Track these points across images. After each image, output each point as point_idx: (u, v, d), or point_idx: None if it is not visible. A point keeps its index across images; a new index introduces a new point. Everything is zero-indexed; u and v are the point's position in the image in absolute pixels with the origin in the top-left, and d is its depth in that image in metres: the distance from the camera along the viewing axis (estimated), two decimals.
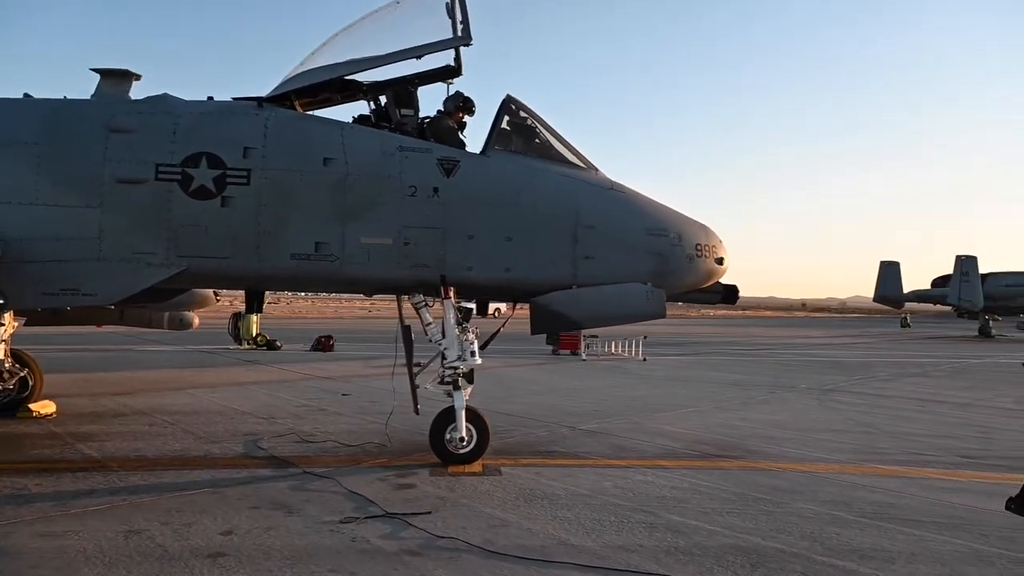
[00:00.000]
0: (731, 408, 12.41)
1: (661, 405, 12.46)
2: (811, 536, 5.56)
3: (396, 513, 5.82)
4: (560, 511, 6.04)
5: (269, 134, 7.03)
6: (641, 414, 11.38)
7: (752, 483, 7.16)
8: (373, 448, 8.29)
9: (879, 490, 7.03)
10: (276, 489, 6.48)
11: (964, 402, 14.09)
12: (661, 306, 7.86)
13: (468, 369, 7.63)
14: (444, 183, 7.21)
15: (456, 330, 7.57)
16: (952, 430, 10.81)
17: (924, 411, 12.68)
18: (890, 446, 9.36)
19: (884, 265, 49.89)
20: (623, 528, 5.64)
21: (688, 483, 7.09)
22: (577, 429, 9.90)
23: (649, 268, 7.75)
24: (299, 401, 11.75)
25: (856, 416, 11.85)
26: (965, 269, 43.97)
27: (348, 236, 7.05)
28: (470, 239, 7.26)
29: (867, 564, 5.00)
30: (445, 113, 7.90)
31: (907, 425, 11.08)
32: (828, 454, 8.72)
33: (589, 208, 7.56)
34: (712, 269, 8.19)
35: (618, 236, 7.66)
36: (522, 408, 11.50)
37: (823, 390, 15.36)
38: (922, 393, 15.44)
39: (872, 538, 5.56)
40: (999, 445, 9.67)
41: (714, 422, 10.84)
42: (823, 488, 7.05)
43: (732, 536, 5.51)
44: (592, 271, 7.54)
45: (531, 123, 7.85)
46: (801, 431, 10.30)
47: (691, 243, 7.94)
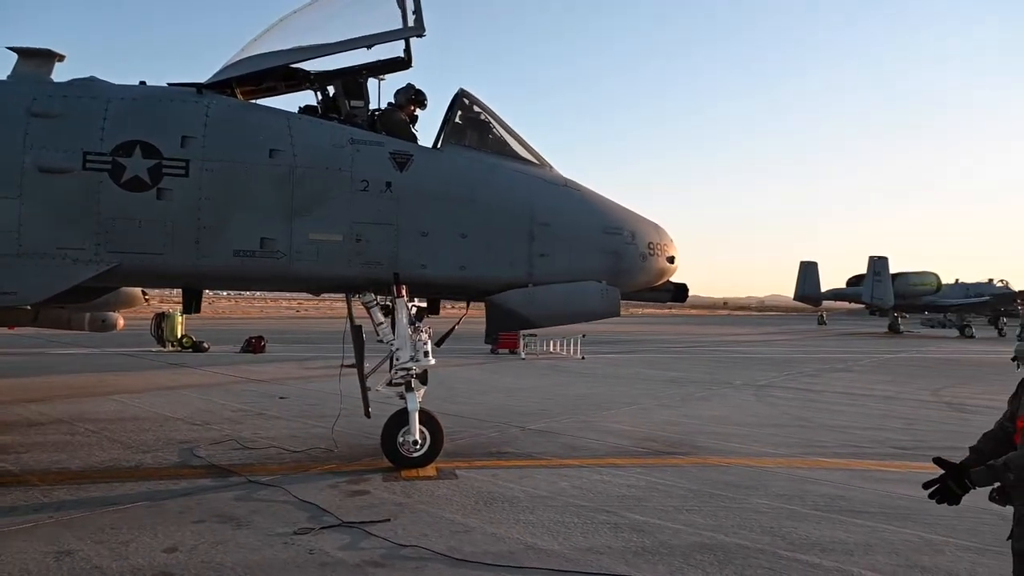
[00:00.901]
0: (673, 405, 12.60)
1: (605, 403, 12.53)
2: (771, 531, 5.63)
3: (353, 522, 5.56)
4: (523, 514, 5.91)
5: (210, 123, 6.61)
6: (588, 412, 11.39)
7: (706, 479, 7.23)
8: (320, 453, 7.95)
9: (826, 483, 7.23)
10: (220, 500, 6.09)
11: (887, 395, 14.79)
12: (616, 304, 7.86)
13: (421, 370, 7.42)
14: (397, 178, 6.97)
15: (409, 330, 7.33)
16: (881, 422, 11.30)
17: (853, 404, 13.22)
18: (829, 439, 9.68)
19: (804, 265, 52.08)
20: (588, 530, 5.56)
21: (644, 481, 7.09)
22: (527, 429, 9.81)
23: (604, 266, 7.73)
24: (235, 405, 11.19)
25: (792, 410, 12.24)
26: (877, 269, 46.42)
27: (296, 232, 6.71)
28: (424, 236, 7.05)
29: (828, 557, 5.09)
30: (396, 106, 7.65)
31: (840, 418, 11.51)
32: (773, 448, 8.93)
33: (545, 205, 7.47)
34: (664, 267, 8.25)
35: (574, 234, 7.60)
36: (468, 409, 11.33)
37: (758, 386, 15.83)
38: (848, 387, 16.13)
39: (828, 531, 5.68)
40: (925, 436, 10.15)
41: (659, 419, 10.96)
42: (774, 482, 7.19)
43: (696, 534, 5.52)
44: (548, 269, 7.46)
45: (484, 118, 7.69)
46: (744, 426, 10.53)
47: (644, 241, 7.96)
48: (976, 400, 14.38)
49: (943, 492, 3.02)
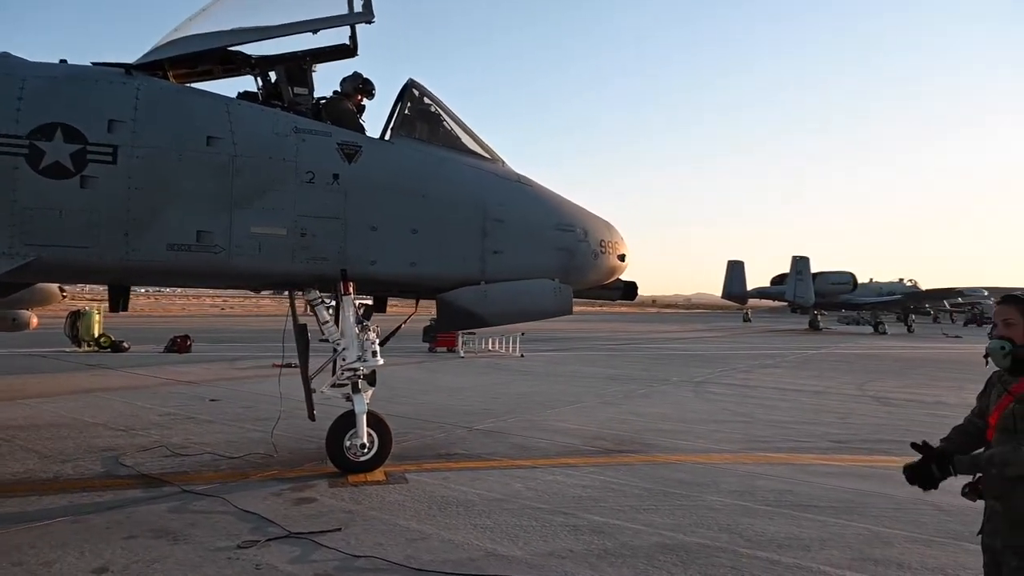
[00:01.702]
0: (616, 402, 12.66)
1: (549, 401, 12.47)
2: (729, 528, 5.65)
3: (301, 532, 5.25)
4: (479, 519, 5.74)
5: (140, 106, 6.12)
6: (533, 411, 11.30)
7: (659, 477, 7.24)
8: (259, 459, 7.53)
9: (773, 478, 7.35)
10: (153, 513, 5.65)
11: (817, 390, 15.33)
12: (569, 303, 7.76)
13: (369, 371, 7.14)
14: (345, 170, 6.65)
15: (356, 329, 7.04)
16: (815, 416, 11.66)
17: (787, 399, 13.63)
18: (769, 434, 9.90)
19: (731, 264, 53.88)
20: (548, 533, 5.44)
21: (598, 481, 7.03)
22: (474, 429, 9.62)
23: (557, 264, 7.62)
24: (162, 409, 10.54)
25: (731, 406, 12.50)
26: (799, 268, 48.43)
27: (236, 225, 6.30)
28: (373, 231, 6.76)
29: (786, 553, 5.13)
30: (343, 95, 7.33)
31: (777, 413, 11.82)
32: (717, 444, 9.05)
33: (498, 201, 7.30)
34: (615, 265, 8.22)
35: (527, 231, 7.46)
36: (411, 409, 11.04)
37: (695, 382, 16.13)
38: (780, 382, 16.65)
39: (783, 526, 5.74)
40: (858, 429, 10.53)
41: (604, 417, 10.97)
42: (724, 479, 7.25)
43: (656, 534, 5.47)
44: (501, 266, 7.29)
45: (435, 110, 7.46)
46: (687, 423, 10.66)
47: (596, 239, 7.90)
48: (898, 394, 15.07)
49: (924, 475, 3.02)
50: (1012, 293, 3.01)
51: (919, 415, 12.06)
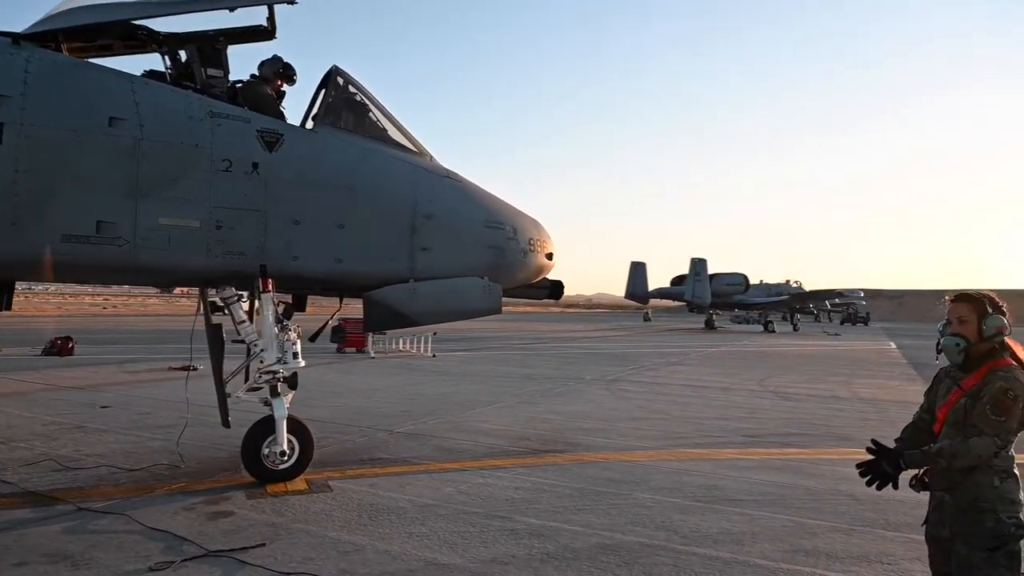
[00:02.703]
0: (535, 401, 12.65)
1: (468, 402, 12.30)
2: (664, 526, 5.69)
3: (221, 550, 4.83)
4: (413, 526, 5.50)
5: (31, 80, 5.46)
6: (453, 412, 11.09)
7: (588, 476, 7.23)
8: (164, 471, 6.94)
9: (697, 473, 7.51)
10: (46, 535, 5.05)
11: (723, 386, 15.96)
12: (498, 301, 7.63)
13: (290, 373, 6.73)
14: (266, 159, 6.21)
15: (275, 329, 6.61)
16: (725, 412, 12.10)
17: (697, 396, 14.09)
18: (686, 430, 10.15)
19: (634, 265, 55.53)
20: (487, 538, 5.28)
21: (530, 482, 6.94)
22: (395, 432, 9.31)
23: (486, 262, 7.47)
24: (45, 418, 9.55)
25: (645, 404, 12.77)
26: (698, 270, 50.61)
27: (142, 215, 5.74)
28: (296, 225, 6.36)
29: (723, 548, 5.21)
30: (261, 79, 6.87)
31: (690, 410, 12.17)
32: (639, 441, 9.18)
33: (427, 197, 7.06)
34: (543, 264, 8.16)
35: (457, 228, 7.27)
36: (326, 412, 10.57)
37: (608, 380, 16.41)
38: (688, 379, 17.22)
39: (715, 521, 5.85)
40: (766, 423, 10.99)
41: (525, 416, 10.92)
42: (652, 476, 7.34)
43: (595, 534, 5.43)
44: (430, 264, 7.06)
45: (361, 99, 7.13)
46: (606, 421, 10.77)
47: (525, 237, 7.81)
48: (795, 389, 15.93)
49: (877, 473, 3.08)
50: (966, 292, 3.12)
51: (818, 409, 12.75)
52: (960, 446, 2.96)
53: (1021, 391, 2.87)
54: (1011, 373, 2.92)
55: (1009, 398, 2.85)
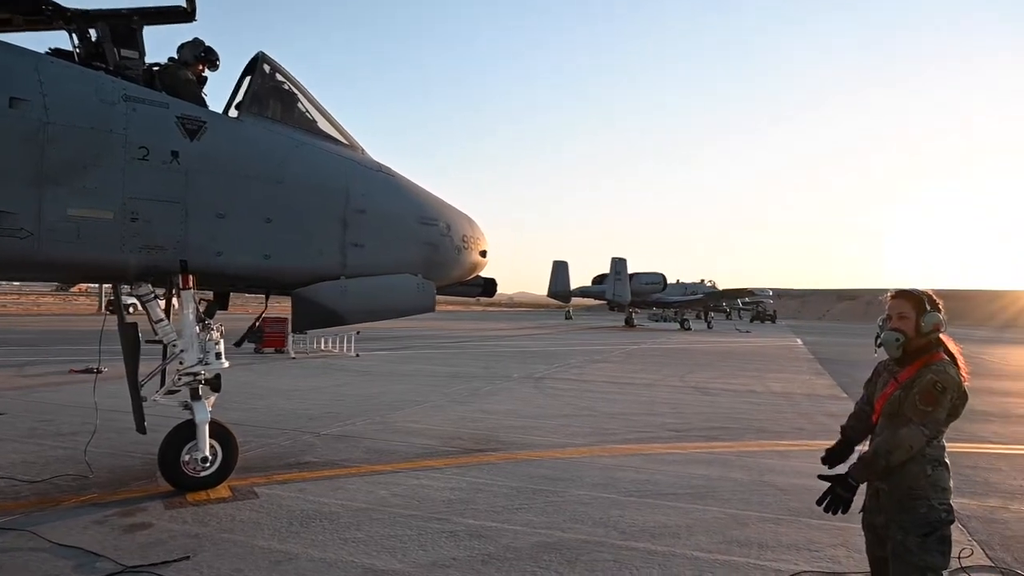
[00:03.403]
0: (465, 400, 12.54)
1: (396, 402, 12.05)
2: (603, 522, 5.72)
3: (141, 565, 4.51)
4: (349, 532, 5.30)
5: None
6: (381, 412, 10.84)
7: (524, 475, 7.20)
8: (70, 482, 6.42)
9: (630, 468, 7.62)
10: None
11: (646, 382, 16.33)
12: (432, 299, 7.49)
13: (212, 375, 6.37)
14: (186, 147, 5.84)
15: (196, 328, 6.25)
16: (651, 407, 12.37)
17: (623, 393, 14.34)
18: (615, 426, 10.30)
19: (556, 264, 56.22)
20: (426, 542, 5.15)
21: (465, 482, 6.85)
22: (322, 435, 9.00)
23: (420, 259, 7.32)
24: None
25: (574, 401, 12.89)
26: (618, 269, 51.72)
27: (48, 206, 5.27)
28: (221, 218, 6.01)
29: (660, 542, 5.28)
30: (181, 63, 6.47)
31: (617, 406, 12.37)
32: (571, 439, 9.24)
33: (360, 191, 6.83)
34: (477, 261, 8.08)
35: (390, 223, 7.08)
36: (247, 415, 10.13)
37: (535, 378, 16.49)
38: (612, 376, 17.52)
39: (650, 516, 5.93)
40: (690, 418, 11.30)
41: (456, 416, 10.80)
42: (586, 472, 7.39)
43: (536, 533, 5.40)
44: (362, 260, 6.84)
45: (289, 88, 6.83)
46: (537, 418, 10.80)
47: (459, 234, 7.71)
48: (714, 384, 16.50)
49: (836, 501, 3.13)
50: (905, 288, 3.25)
51: (736, 403, 13.23)
52: (891, 440, 3.08)
53: (950, 384, 3.02)
54: (943, 367, 3.06)
55: (937, 390, 2.99)
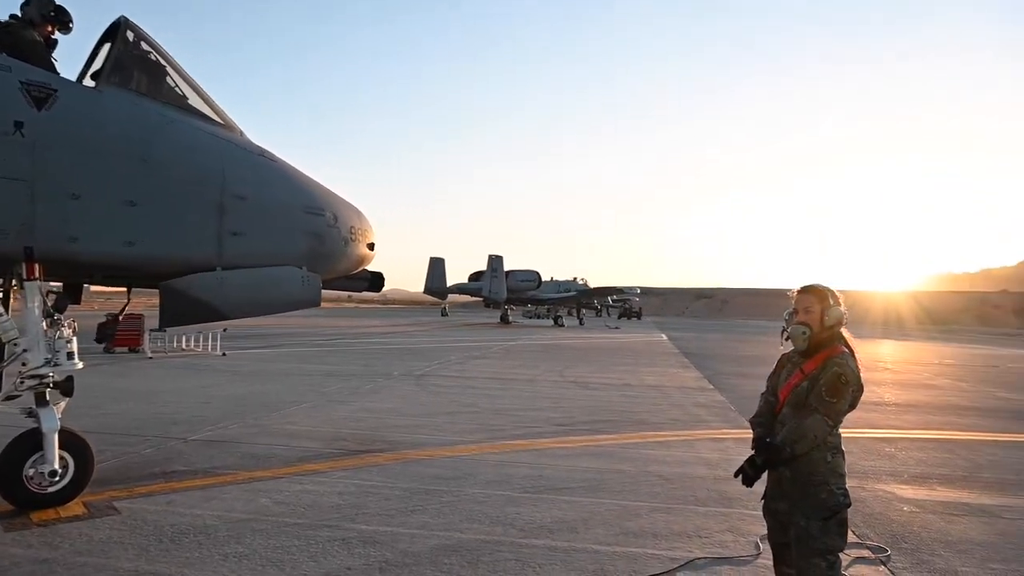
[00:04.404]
0: (344, 400, 12.05)
1: (272, 403, 11.36)
2: (500, 520, 5.63)
3: None
4: (227, 546, 4.86)
5: None
6: (256, 414, 10.16)
7: (415, 475, 6.98)
8: None
9: (521, 464, 7.59)
10: None
11: (527, 378, 16.50)
12: (317, 293, 7.06)
13: (63, 377, 5.65)
14: (34, 118, 5.11)
15: (44, 324, 5.51)
16: (534, 402, 12.47)
17: (506, 388, 14.38)
18: (502, 422, 10.27)
19: (433, 261, 55.81)
20: (316, 552, 4.82)
21: (354, 486, 6.52)
22: (190, 440, 8.27)
23: (305, 250, 6.88)
24: None
25: (458, 398, 12.74)
26: (495, 266, 52.12)
27: None
28: (75, 199, 5.31)
29: (559, 538, 5.27)
30: (26, 22, 5.67)
31: (501, 402, 12.37)
32: (459, 436, 9.10)
33: (239, 175, 6.30)
34: (364, 254, 7.73)
35: (273, 211, 6.59)
36: (101, 421, 9.12)
37: (416, 376, 16.18)
38: (493, 373, 17.55)
39: (546, 511, 5.91)
40: (572, 412, 11.49)
41: (338, 416, 10.34)
42: (478, 470, 7.28)
43: (432, 536, 5.21)
44: (241, 251, 6.32)
45: (157, 59, 6.17)
46: (422, 416, 10.56)
47: (347, 225, 7.33)
48: (592, 378, 16.96)
49: (746, 476, 3.26)
50: (811, 284, 3.38)
51: (615, 396, 13.66)
52: (797, 430, 3.21)
53: (852, 377, 3.19)
54: (845, 360, 3.22)
55: (842, 382, 3.15)
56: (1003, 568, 4.99)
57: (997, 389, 17.91)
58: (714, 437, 9.68)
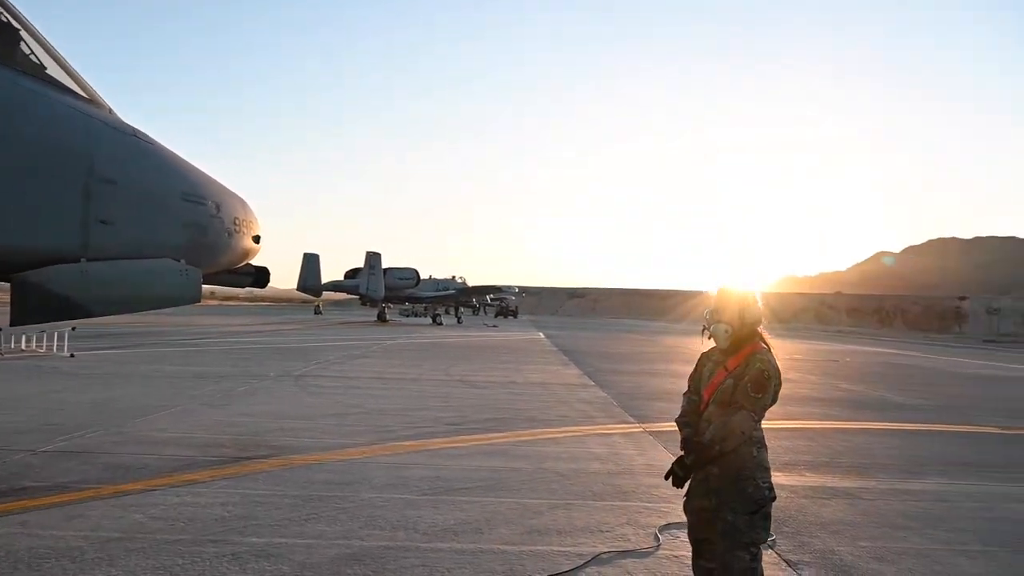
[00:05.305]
0: (219, 403, 11.26)
1: (135, 408, 10.40)
2: (401, 524, 5.45)
3: None
4: (99, 569, 4.36)
5: None
6: (118, 421, 9.26)
7: (305, 481, 6.62)
8: None
9: (416, 466, 7.42)
10: None
11: (412, 377, 16.22)
12: (197, 288, 6.50)
13: None
14: None
15: None
16: (422, 402, 12.27)
17: (390, 388, 14.04)
18: (391, 423, 10.00)
19: (307, 257, 53.56)
20: (204, 570, 4.43)
21: (239, 495, 6.08)
22: (40, 452, 7.38)
23: (184, 241, 6.31)
24: None
25: (342, 399, 12.28)
26: (372, 264, 50.93)
27: None
28: None
29: (465, 540, 5.18)
30: None
31: (388, 402, 12.06)
32: (348, 439, 8.75)
33: (109, 157, 5.67)
34: (249, 248, 7.23)
35: (148, 198, 5.99)
36: None
37: (295, 376, 15.45)
38: (376, 372, 17.11)
39: (448, 513, 5.80)
40: (464, 410, 11.41)
41: (213, 421, 9.64)
42: (372, 473, 7.02)
43: (332, 545, 4.95)
44: (111, 240, 5.68)
45: (16, 26, 5.43)
46: (306, 419, 10.07)
47: (230, 216, 6.82)
48: (478, 377, 16.95)
49: (676, 477, 3.31)
50: (730, 284, 3.50)
51: (502, 394, 13.72)
52: (724, 427, 3.30)
53: (773, 372, 3.33)
54: (767, 356, 3.36)
55: (765, 377, 3.28)
56: (871, 545, 5.46)
57: (840, 381, 19.74)
58: (602, 433, 9.95)
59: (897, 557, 5.23)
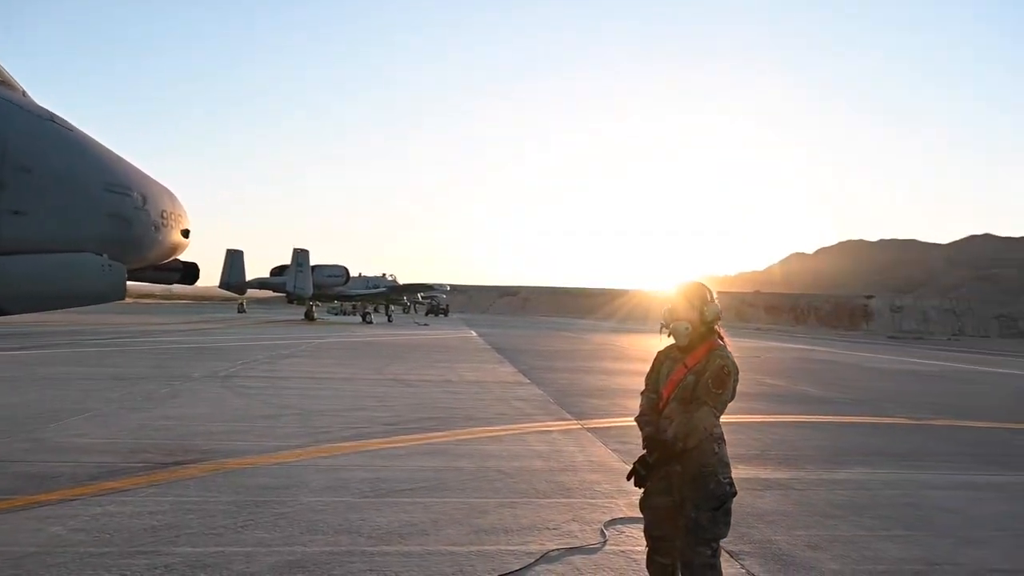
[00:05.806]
0: (141, 406, 10.67)
1: (45, 413, 9.73)
2: (344, 528, 5.30)
3: None
4: None
5: None
6: (27, 427, 8.63)
7: (239, 486, 6.35)
8: None
9: (356, 467, 7.23)
10: None
11: (344, 376, 15.86)
12: (121, 284, 6.13)
13: None
14: None
15: None
16: (357, 401, 12.01)
17: (324, 388, 13.68)
18: (326, 424, 9.73)
19: (230, 253, 51.60)
20: None
21: (168, 503, 5.76)
22: None
23: (106, 235, 5.94)
24: None
25: (273, 400, 11.88)
26: (300, 261, 49.55)
27: None
28: None
29: (411, 542, 5.09)
30: None
31: (322, 402, 11.74)
32: (282, 441, 8.46)
33: (23, 143, 5.27)
34: (178, 242, 6.87)
35: (66, 188, 5.59)
36: None
37: (221, 377, 14.83)
38: (307, 371, 16.65)
39: (392, 515, 5.68)
40: (399, 410, 11.23)
41: (135, 425, 9.12)
42: (310, 476, 6.81)
43: (274, 552, 4.76)
44: (25, 233, 5.29)
45: None
46: (237, 421, 9.68)
47: (157, 208, 6.46)
48: (412, 376, 16.73)
49: (639, 476, 3.31)
50: (689, 282, 3.53)
51: (438, 393, 13.59)
52: (686, 425, 3.33)
53: (733, 367, 3.38)
54: (725, 352, 3.42)
55: (725, 373, 3.33)
56: (805, 533, 5.68)
57: (764, 376, 20.53)
58: (540, 430, 9.98)
59: (829, 544, 5.45)
